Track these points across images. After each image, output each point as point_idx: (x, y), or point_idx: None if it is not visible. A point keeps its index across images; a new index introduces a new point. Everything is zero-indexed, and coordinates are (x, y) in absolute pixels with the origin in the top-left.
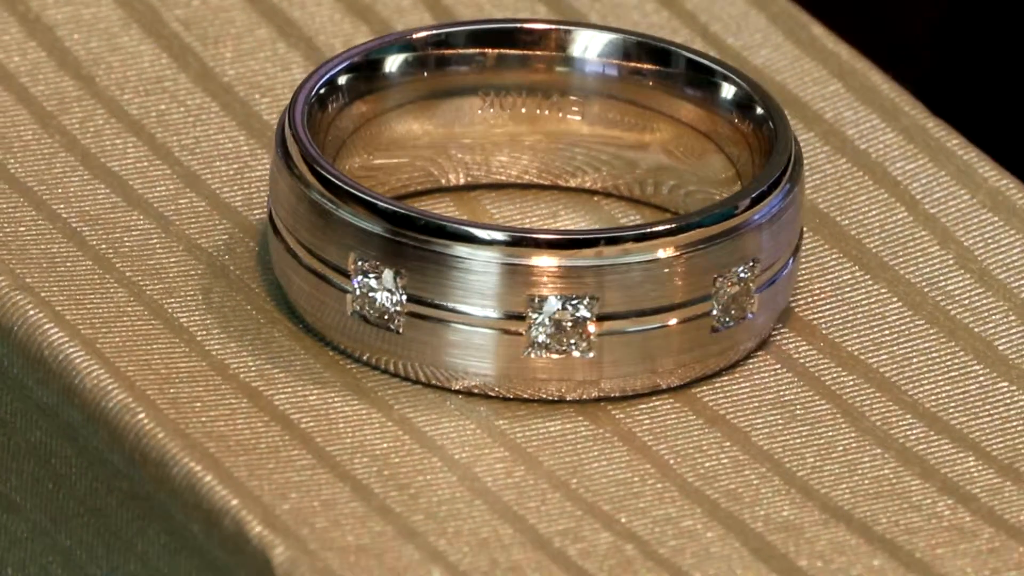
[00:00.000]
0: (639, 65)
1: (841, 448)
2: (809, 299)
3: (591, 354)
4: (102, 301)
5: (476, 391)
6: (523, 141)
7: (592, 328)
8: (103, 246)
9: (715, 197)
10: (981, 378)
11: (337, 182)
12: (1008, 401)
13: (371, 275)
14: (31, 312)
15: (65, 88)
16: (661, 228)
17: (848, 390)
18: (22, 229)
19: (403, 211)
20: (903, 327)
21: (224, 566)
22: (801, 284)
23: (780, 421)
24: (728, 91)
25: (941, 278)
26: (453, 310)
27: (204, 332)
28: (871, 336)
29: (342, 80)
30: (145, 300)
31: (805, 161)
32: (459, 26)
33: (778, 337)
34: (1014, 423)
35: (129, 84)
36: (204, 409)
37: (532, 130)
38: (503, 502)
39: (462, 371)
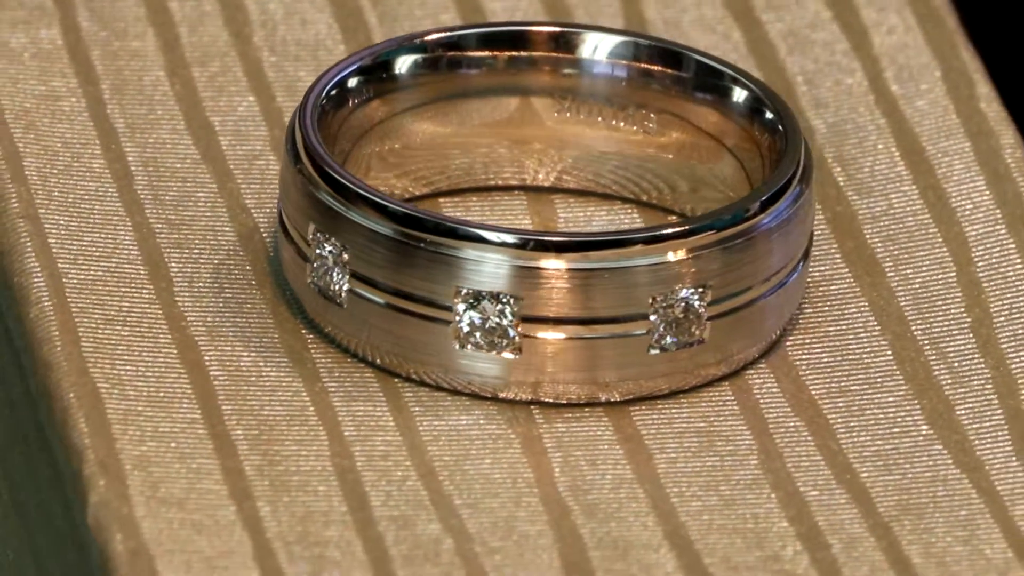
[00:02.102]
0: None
1: (727, 482)
2: (802, 335)
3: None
4: (98, 259)
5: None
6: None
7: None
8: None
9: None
10: (919, 439)
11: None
12: (928, 464)
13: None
14: (24, 239)
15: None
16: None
17: (782, 432)
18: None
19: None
20: (878, 379)
21: (74, 505)
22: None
23: (691, 450)
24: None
25: (947, 336)
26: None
27: (186, 305)
28: (840, 382)
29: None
30: (135, 280)
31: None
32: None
33: (750, 370)
34: (922, 485)
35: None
36: (122, 353)
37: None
38: (358, 481)
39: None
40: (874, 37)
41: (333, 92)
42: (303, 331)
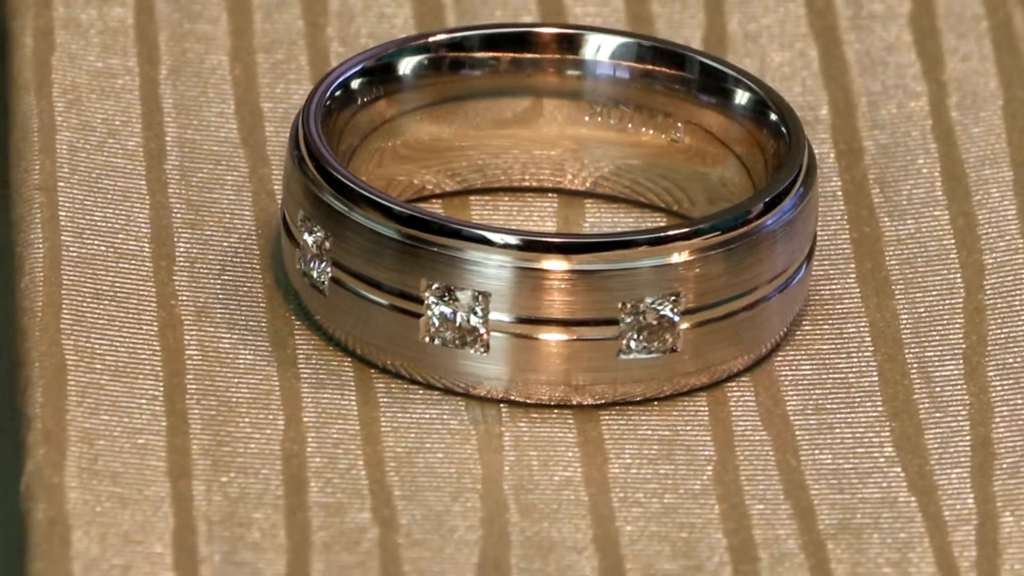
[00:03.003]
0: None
1: (675, 491)
2: (793, 351)
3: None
4: (105, 234)
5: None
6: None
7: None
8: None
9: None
10: (880, 461)
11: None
12: (882, 486)
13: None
14: (35, 211)
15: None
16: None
17: (745, 445)
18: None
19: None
20: (857, 399)
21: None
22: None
23: (649, 457)
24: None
25: (936, 361)
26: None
27: (181, 284)
28: (818, 400)
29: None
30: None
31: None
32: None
33: (732, 383)
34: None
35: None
36: (102, 328)
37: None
38: (303, 466)
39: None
40: (948, 63)
41: (338, 93)
42: (293, 318)
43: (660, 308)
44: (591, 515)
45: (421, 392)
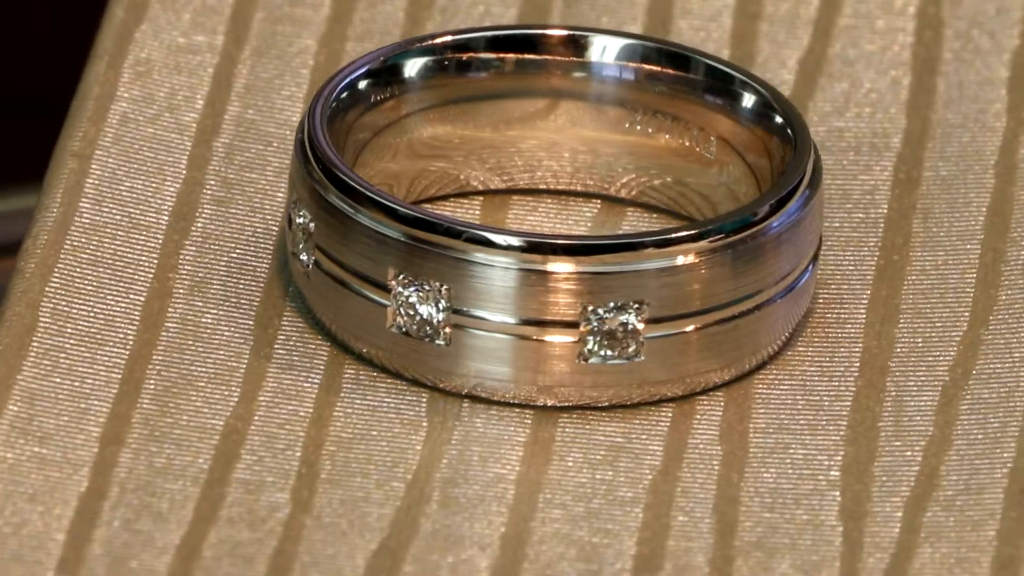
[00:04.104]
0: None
1: (604, 496)
2: (777, 370)
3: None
4: (125, 203)
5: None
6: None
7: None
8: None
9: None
10: (821, 484)
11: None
12: (814, 509)
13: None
14: (63, 176)
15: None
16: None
17: (694, 458)
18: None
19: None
20: (823, 422)
21: None
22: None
23: (592, 462)
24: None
25: (915, 391)
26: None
27: (186, 258)
28: (784, 419)
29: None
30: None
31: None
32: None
33: (705, 396)
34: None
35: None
36: (88, 295)
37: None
38: (239, 443)
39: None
40: None
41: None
42: (286, 301)
43: (622, 315)
44: (509, 513)
45: (388, 382)
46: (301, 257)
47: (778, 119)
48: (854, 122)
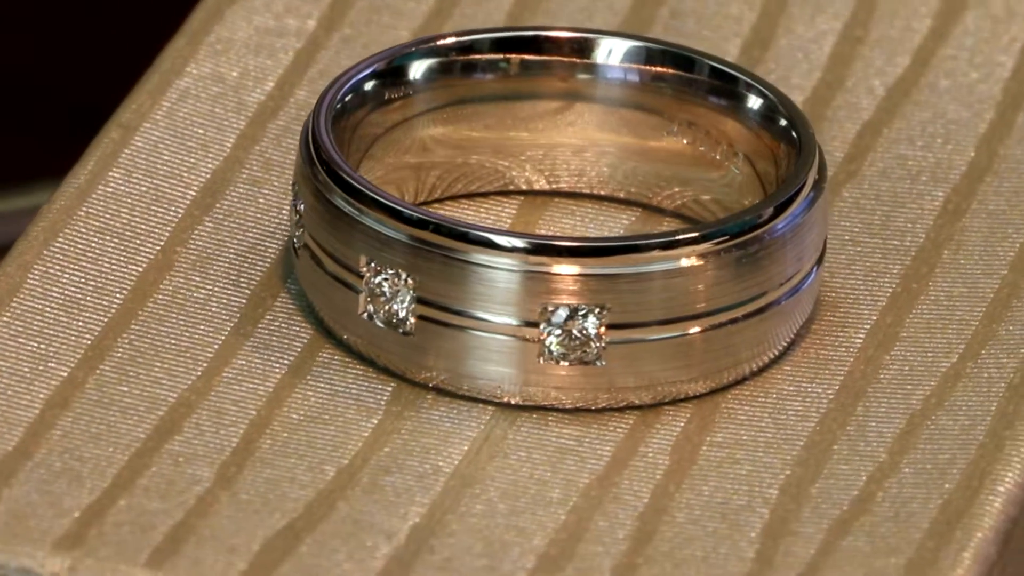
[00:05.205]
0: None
1: (532, 496)
2: (752, 388)
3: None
4: (153, 175)
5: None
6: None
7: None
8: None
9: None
10: (755, 501)
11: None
12: (737, 525)
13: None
14: (103, 146)
15: None
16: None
17: (638, 466)
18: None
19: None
20: (779, 441)
21: None
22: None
23: (534, 461)
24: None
25: (884, 418)
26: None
27: (199, 235)
28: (741, 436)
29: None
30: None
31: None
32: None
33: (672, 407)
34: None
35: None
36: (87, 261)
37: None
38: (186, 415)
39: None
40: None
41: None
42: (287, 283)
43: (581, 320)
44: (429, 504)
45: (359, 369)
46: (294, 240)
47: (783, 121)
48: (922, 151)
